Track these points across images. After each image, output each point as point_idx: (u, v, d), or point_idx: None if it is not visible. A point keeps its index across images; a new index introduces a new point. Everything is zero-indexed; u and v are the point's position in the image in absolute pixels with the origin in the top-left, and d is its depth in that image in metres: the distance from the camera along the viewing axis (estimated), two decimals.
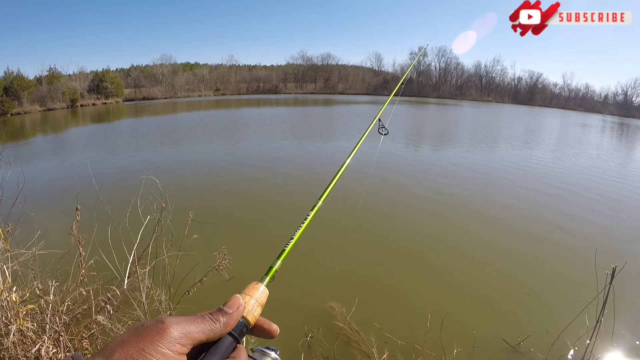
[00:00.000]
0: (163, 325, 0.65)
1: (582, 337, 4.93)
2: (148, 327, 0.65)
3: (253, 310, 0.81)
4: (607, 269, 4.27)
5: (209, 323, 0.71)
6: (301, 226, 1.16)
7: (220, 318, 0.73)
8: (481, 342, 5.24)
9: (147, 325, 0.65)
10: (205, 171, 15.32)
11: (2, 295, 3.81)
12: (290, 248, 1.06)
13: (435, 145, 23.70)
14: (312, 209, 1.29)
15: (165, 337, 0.63)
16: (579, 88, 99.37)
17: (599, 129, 45.80)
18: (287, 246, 1.06)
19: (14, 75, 57.70)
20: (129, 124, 39.21)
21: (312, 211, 1.27)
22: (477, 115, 53.58)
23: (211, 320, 0.72)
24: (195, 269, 4.72)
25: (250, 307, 0.81)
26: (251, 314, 0.80)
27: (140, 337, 0.63)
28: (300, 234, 1.13)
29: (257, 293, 0.84)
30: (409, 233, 9.15)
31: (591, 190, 13.69)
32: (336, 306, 5.81)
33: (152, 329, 0.64)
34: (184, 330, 0.66)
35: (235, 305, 0.77)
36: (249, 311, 0.80)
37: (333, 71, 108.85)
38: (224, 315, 0.74)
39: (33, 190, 8.97)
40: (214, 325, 0.71)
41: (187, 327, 0.67)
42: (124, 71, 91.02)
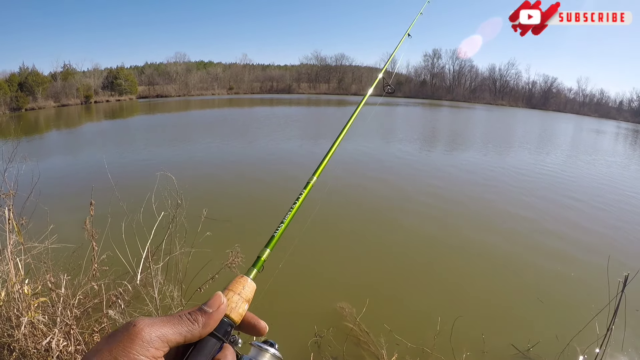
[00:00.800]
0: (135, 328, 0.62)
1: (592, 345, 4.85)
2: (120, 332, 0.62)
3: (238, 308, 0.77)
4: (619, 277, 4.20)
5: (187, 324, 0.68)
6: (293, 207, 1.09)
7: (199, 318, 0.69)
8: (490, 347, 5.19)
9: (119, 331, 0.63)
10: (219, 168, 15.40)
11: (14, 287, 3.83)
12: (280, 234, 1.00)
13: (449, 149, 23.57)
14: (305, 186, 1.19)
15: (137, 341, 0.61)
16: (594, 93, 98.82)
17: (614, 135, 45.38)
18: (277, 232, 1.00)
19: (29, 71, 58.49)
20: (143, 121, 39.47)
21: (306, 189, 1.18)
22: (490, 119, 53.28)
23: (189, 320, 0.68)
24: (208, 266, 4.72)
25: (234, 304, 0.77)
26: (235, 311, 0.76)
27: (112, 344, 0.60)
28: (291, 217, 1.06)
29: (241, 288, 0.80)
30: (421, 237, 9.08)
31: (605, 198, 13.52)
32: (346, 307, 5.78)
33: (124, 334, 0.61)
34: (158, 332, 0.63)
35: (216, 304, 0.73)
36: (233, 309, 0.76)
37: (347, 72, 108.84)
38: (203, 315, 0.70)
39: (47, 185, 9.05)
40: (192, 326, 0.68)
41: (161, 329, 0.64)
42: (138, 68, 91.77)
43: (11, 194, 4.33)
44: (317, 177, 1.26)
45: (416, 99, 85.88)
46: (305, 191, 1.16)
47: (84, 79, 66.90)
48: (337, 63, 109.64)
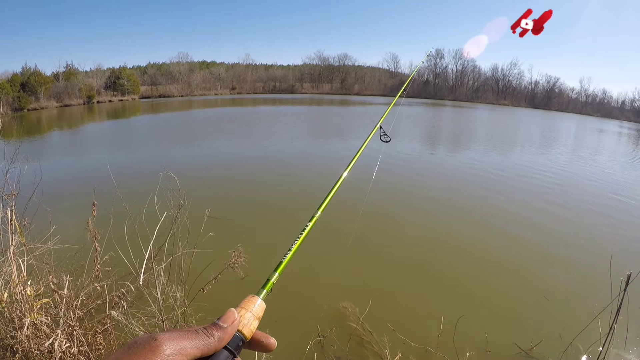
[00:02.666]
0: (156, 342, 0.64)
1: (595, 343, 4.85)
2: (141, 344, 0.64)
3: (249, 324, 0.80)
4: (622, 275, 4.19)
5: (203, 338, 0.70)
6: (299, 237, 1.15)
7: (215, 332, 0.72)
8: (494, 346, 5.20)
9: (140, 342, 0.64)
10: (222, 168, 15.45)
11: (17, 288, 3.82)
12: (288, 260, 1.05)
13: (449, 148, 23.56)
14: (310, 219, 1.26)
15: (159, 354, 0.62)
16: (596, 93, 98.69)
17: (617, 135, 45.31)
18: (285, 258, 1.05)
19: (31, 71, 58.46)
20: (145, 121, 39.56)
21: (311, 222, 1.25)
22: (493, 118, 53.25)
23: (205, 335, 0.71)
24: (211, 266, 4.72)
25: (246, 320, 0.80)
26: (247, 327, 0.79)
27: (133, 355, 0.62)
28: (298, 246, 1.12)
29: (253, 306, 0.83)
30: (423, 236, 9.08)
31: (608, 197, 13.52)
32: (349, 306, 5.78)
33: (146, 347, 0.63)
34: (178, 346, 0.65)
35: (230, 319, 0.76)
36: (245, 325, 0.79)
37: (349, 72, 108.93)
38: (218, 329, 0.73)
39: (50, 185, 9.03)
40: (208, 340, 0.70)
41: (180, 343, 0.66)
42: (140, 69, 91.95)
43: (13, 195, 4.32)
44: (321, 212, 1.33)
45: (419, 99, 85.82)
46: (311, 224, 1.24)
47: (86, 79, 66.96)
48: (339, 63, 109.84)
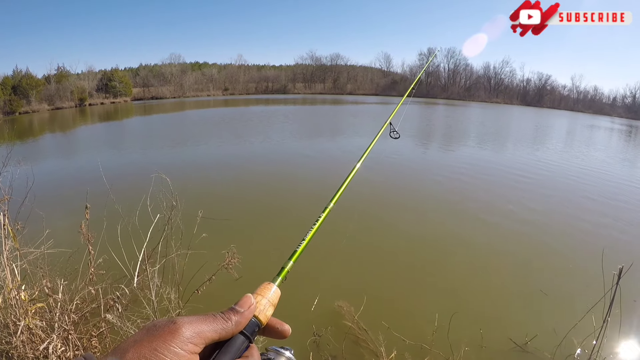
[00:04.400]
0: (175, 325, 0.65)
1: (589, 337, 4.92)
2: (160, 326, 0.65)
3: (265, 310, 0.80)
4: (614, 269, 4.23)
5: (221, 322, 0.71)
6: (312, 228, 1.17)
7: (232, 317, 0.73)
8: (489, 342, 5.24)
9: (160, 325, 0.65)
10: (215, 168, 15.45)
11: (11, 293, 3.81)
12: (302, 249, 1.06)
13: (444, 146, 23.62)
14: (323, 210, 1.28)
15: (178, 336, 0.63)
16: (588, 90, 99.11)
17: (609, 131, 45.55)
18: (299, 247, 1.06)
19: (22, 73, 58.05)
20: (138, 123, 39.46)
21: (324, 213, 1.27)
22: (486, 116, 53.39)
23: (223, 319, 0.71)
24: (205, 268, 4.72)
25: (262, 306, 0.80)
26: (263, 313, 0.80)
27: (152, 336, 0.63)
28: (311, 236, 1.14)
29: (269, 293, 0.84)
30: (417, 233, 9.12)
31: (599, 191, 13.61)
32: (345, 305, 5.80)
33: (165, 329, 0.64)
34: (196, 329, 0.66)
35: (246, 304, 0.76)
36: (261, 311, 0.79)
37: (342, 71, 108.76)
38: (235, 314, 0.73)
39: (42, 189, 8.98)
40: (226, 324, 0.71)
41: (199, 327, 0.67)
42: (132, 70, 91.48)
43: (6, 199, 4.31)
44: (334, 203, 1.37)
45: (411, 98, 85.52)
46: (323, 215, 1.26)
47: (78, 82, 66.45)
48: (332, 63, 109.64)
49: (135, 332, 0.65)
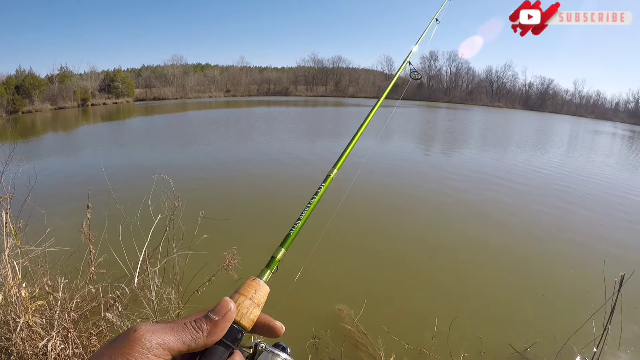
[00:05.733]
0: (135, 334, 0.60)
1: (590, 344, 4.87)
2: (121, 337, 0.61)
3: (249, 313, 0.72)
4: (615, 277, 4.22)
5: (190, 332, 0.65)
6: (311, 203, 1.02)
7: (204, 326, 0.66)
8: (488, 347, 5.22)
9: (121, 336, 0.61)
10: (217, 169, 15.47)
11: (11, 291, 3.82)
12: (297, 231, 0.94)
13: (444, 149, 23.57)
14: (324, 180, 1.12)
15: (137, 347, 0.59)
16: (590, 95, 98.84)
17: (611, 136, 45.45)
18: (293, 230, 0.93)
19: (25, 73, 58.27)
20: (140, 123, 39.48)
21: (325, 183, 1.11)
22: (488, 120, 53.32)
23: (193, 328, 0.65)
24: (205, 268, 4.72)
25: (245, 309, 0.72)
26: (246, 317, 0.72)
27: (113, 349, 0.59)
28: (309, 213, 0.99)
29: (253, 292, 0.75)
30: (417, 237, 9.09)
31: (601, 199, 13.58)
32: (344, 308, 5.79)
33: (125, 340, 0.60)
34: (159, 339, 0.61)
35: (222, 311, 0.69)
36: (244, 315, 0.71)
37: (344, 74, 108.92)
38: (208, 322, 0.67)
39: (44, 188, 9.01)
40: (196, 334, 0.65)
41: (163, 337, 0.62)
42: (135, 71, 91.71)
43: (8, 198, 4.32)
44: (337, 169, 1.19)
45: (413, 101, 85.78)
46: (325, 185, 1.10)
47: (80, 82, 66.72)
48: (334, 65, 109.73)
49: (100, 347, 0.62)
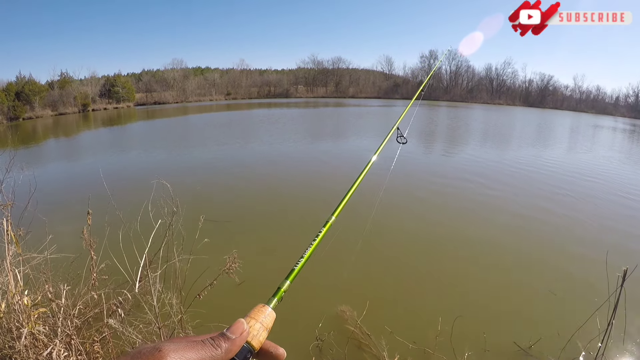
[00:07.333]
0: (160, 353, 0.63)
1: (594, 340, 4.87)
2: (145, 354, 0.63)
3: (258, 335, 0.78)
4: (619, 271, 4.21)
5: (210, 349, 0.68)
6: (312, 244, 1.12)
7: (222, 344, 0.70)
8: (492, 346, 5.21)
9: (145, 352, 0.63)
10: (217, 172, 15.47)
11: (14, 298, 3.82)
12: (300, 268, 1.03)
13: (445, 148, 23.56)
14: (324, 225, 1.22)
15: None
16: (590, 90, 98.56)
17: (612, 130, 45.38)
18: (297, 266, 1.03)
19: (25, 79, 58.31)
20: (141, 128, 39.54)
21: (324, 227, 1.21)
22: (489, 117, 53.28)
23: (212, 346, 0.69)
24: (207, 273, 4.72)
25: (256, 331, 0.78)
26: (256, 338, 0.78)
27: None
28: (310, 253, 1.09)
29: (262, 316, 0.82)
30: (418, 237, 9.11)
31: (601, 192, 13.56)
32: (347, 310, 5.79)
33: (149, 357, 0.62)
34: (183, 357, 0.64)
35: (238, 330, 0.74)
36: (254, 336, 0.77)
37: (344, 75, 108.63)
38: (226, 340, 0.71)
39: (45, 195, 9.02)
40: (215, 351, 0.69)
41: (185, 354, 0.65)
42: (135, 76, 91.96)
43: (9, 205, 4.32)
44: (335, 217, 1.30)
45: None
46: (324, 230, 1.20)
47: (81, 87, 66.86)
48: (334, 66, 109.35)
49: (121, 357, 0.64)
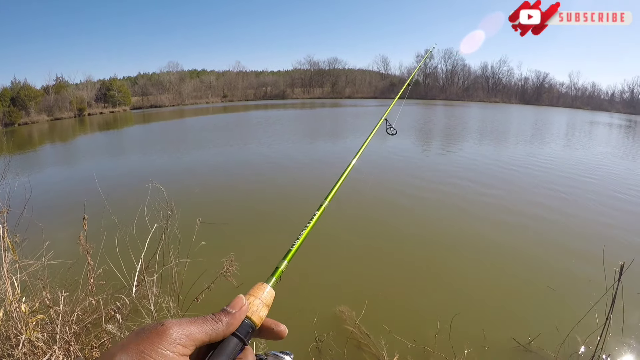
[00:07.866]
0: (163, 327, 0.64)
1: (593, 334, 4.87)
2: (148, 329, 0.65)
3: (258, 311, 0.79)
4: (615, 265, 4.22)
5: (211, 323, 0.70)
6: (307, 226, 1.16)
7: (223, 318, 0.72)
8: (491, 342, 5.22)
9: (148, 328, 0.65)
10: (214, 175, 15.41)
11: (11, 306, 3.81)
12: (297, 248, 1.06)
13: (442, 146, 23.55)
14: (318, 208, 1.27)
15: (165, 338, 0.63)
16: (586, 87, 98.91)
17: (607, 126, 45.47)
18: (293, 246, 1.06)
19: (21, 85, 58.07)
20: (137, 131, 39.45)
21: (318, 211, 1.26)
22: (486, 115, 53.34)
23: (213, 320, 0.71)
24: (204, 276, 4.72)
25: (256, 307, 0.79)
26: (256, 314, 0.78)
27: (140, 339, 0.62)
28: (306, 234, 1.13)
29: (262, 293, 0.83)
30: (416, 235, 9.09)
31: (597, 186, 13.57)
32: (346, 310, 5.78)
33: (153, 331, 0.64)
34: (185, 331, 0.66)
35: (238, 305, 0.76)
36: (254, 312, 0.78)
37: (340, 75, 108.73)
38: (226, 315, 0.73)
39: (41, 201, 9.02)
40: (216, 325, 0.70)
41: (188, 328, 0.66)
42: (131, 79, 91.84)
43: (4, 212, 4.32)
44: (328, 201, 1.35)
45: (409, 99, 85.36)
46: (318, 213, 1.25)
47: (76, 92, 66.62)
48: (330, 67, 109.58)
49: (125, 337, 0.65)
